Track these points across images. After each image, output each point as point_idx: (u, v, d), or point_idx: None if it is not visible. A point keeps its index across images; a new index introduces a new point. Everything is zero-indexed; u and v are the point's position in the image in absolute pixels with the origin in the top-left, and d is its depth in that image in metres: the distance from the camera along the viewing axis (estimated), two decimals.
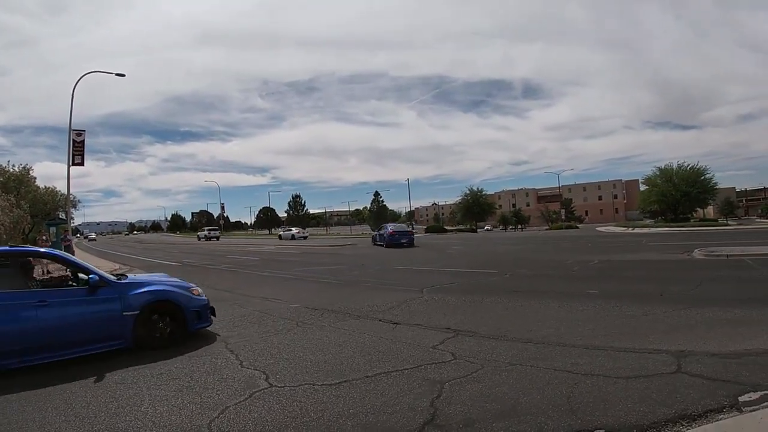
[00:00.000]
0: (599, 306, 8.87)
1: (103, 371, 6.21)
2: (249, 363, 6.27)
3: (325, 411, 4.49)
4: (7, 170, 35.30)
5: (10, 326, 6.24)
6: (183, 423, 4.43)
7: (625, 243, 27.82)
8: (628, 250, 22.66)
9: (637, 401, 4.27)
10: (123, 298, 7.15)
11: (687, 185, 58.09)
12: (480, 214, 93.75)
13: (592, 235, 42.88)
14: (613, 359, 5.58)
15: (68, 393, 5.44)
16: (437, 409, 4.38)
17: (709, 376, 4.84)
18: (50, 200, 38.36)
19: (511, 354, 6.04)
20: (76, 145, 29.87)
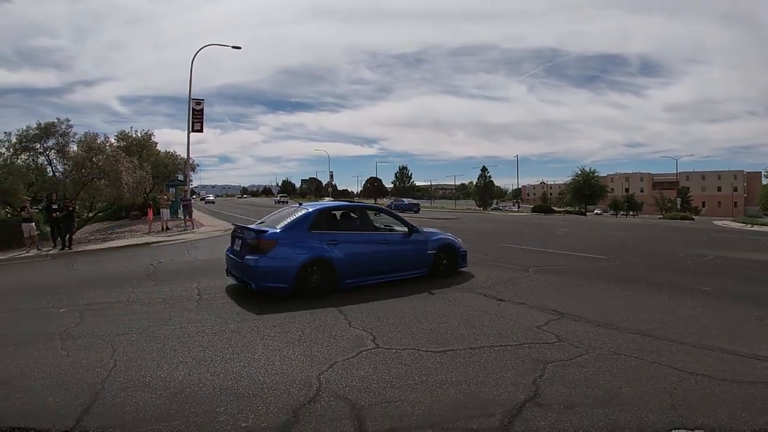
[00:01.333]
0: (711, 304, 8.51)
1: (226, 323, 6.67)
2: (357, 324, 6.54)
3: (429, 376, 4.67)
4: (130, 135, 37.42)
5: (368, 256, 9.27)
6: (293, 372, 4.73)
7: (742, 240, 26.28)
8: (747, 248, 21.43)
9: (740, 406, 4.16)
10: (427, 242, 10.39)
11: None
12: (590, 196, 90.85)
13: (709, 228, 40.72)
14: (720, 361, 5.41)
15: (188, 337, 5.89)
16: (539, 388, 4.45)
17: None
18: (170, 163, 40.19)
19: (616, 343, 5.98)
20: (196, 113, 31.50)
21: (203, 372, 4.74)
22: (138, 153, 34.39)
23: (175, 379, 4.59)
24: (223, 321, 6.80)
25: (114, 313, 7.48)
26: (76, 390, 4.40)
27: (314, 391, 4.31)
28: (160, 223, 25.40)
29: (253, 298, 8.09)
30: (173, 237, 21.44)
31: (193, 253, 15.48)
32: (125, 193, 24.50)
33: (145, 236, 21.83)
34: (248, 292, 8.35)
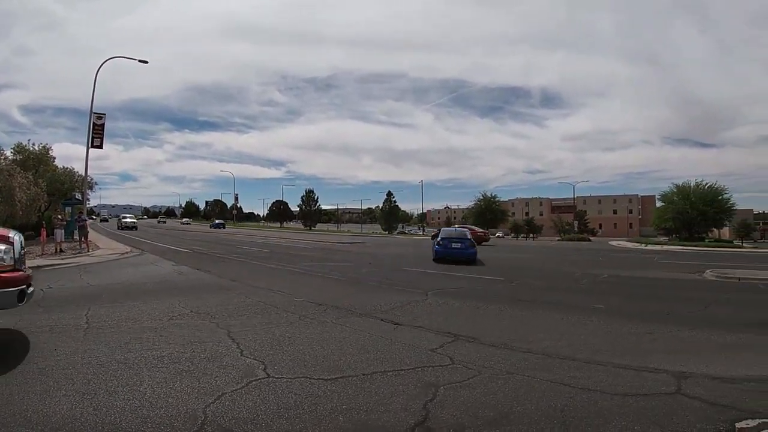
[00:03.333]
0: (603, 321, 8.86)
1: (113, 353, 6.33)
2: (249, 352, 6.32)
3: (319, 405, 4.53)
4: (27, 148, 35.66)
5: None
6: (179, 405, 4.49)
7: (636, 259, 27.66)
8: (639, 266, 22.54)
9: (633, 419, 4.26)
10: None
11: (704, 204, 57.41)
12: (492, 220, 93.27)
13: (604, 248, 42.62)
14: (612, 375, 5.58)
15: (72, 369, 5.54)
16: (429, 411, 4.39)
17: (708, 399, 4.82)
18: (68, 180, 38.63)
19: (509, 362, 6.05)
20: (96, 127, 30.37)
21: (86, 406, 4.42)
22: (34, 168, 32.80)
23: (57, 413, 4.25)
24: (110, 351, 6.42)
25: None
26: None
27: (199, 424, 4.09)
28: (53, 244, 23.81)
29: (142, 325, 7.75)
30: (66, 260, 20.14)
31: (85, 278, 14.66)
32: (18, 211, 23.17)
33: (37, 258, 20.42)
34: (139, 318, 7.98)
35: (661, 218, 64.98)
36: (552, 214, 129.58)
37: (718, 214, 58.65)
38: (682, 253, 34.82)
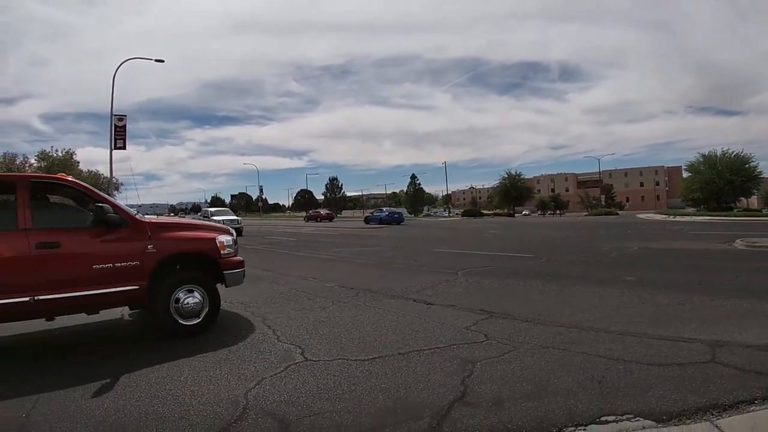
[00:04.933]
0: (635, 293, 8.79)
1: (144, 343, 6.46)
2: (285, 338, 6.40)
3: (358, 385, 4.60)
4: (50, 155, 36.09)
5: None
6: (220, 392, 4.58)
7: (665, 231, 27.36)
8: (668, 238, 22.31)
9: (669, 388, 4.25)
10: None
11: (731, 173, 56.56)
12: (518, 198, 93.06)
13: (632, 222, 42.29)
14: (646, 346, 5.55)
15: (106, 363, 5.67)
16: (468, 387, 4.44)
17: (743, 367, 4.77)
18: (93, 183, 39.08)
19: (543, 337, 6.07)
20: (118, 129, 30.75)
21: (129, 398, 4.54)
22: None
23: (100, 407, 4.36)
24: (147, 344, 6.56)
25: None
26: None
27: (241, 409, 4.16)
28: None
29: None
30: None
31: None
32: None
33: None
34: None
35: (688, 189, 64.15)
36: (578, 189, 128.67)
37: (746, 183, 57.81)
38: (710, 224, 34.40)
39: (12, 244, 5.82)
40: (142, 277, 6.42)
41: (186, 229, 7.43)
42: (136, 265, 6.40)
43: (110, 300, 6.48)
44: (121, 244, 6.42)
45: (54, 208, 7.12)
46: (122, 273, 6.30)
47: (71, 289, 5.98)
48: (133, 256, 6.42)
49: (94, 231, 6.32)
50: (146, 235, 6.59)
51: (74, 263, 6.12)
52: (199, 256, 7.16)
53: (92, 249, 6.27)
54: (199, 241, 7.24)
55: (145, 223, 6.74)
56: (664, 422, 3.67)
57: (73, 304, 6.12)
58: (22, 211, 5.93)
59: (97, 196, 6.72)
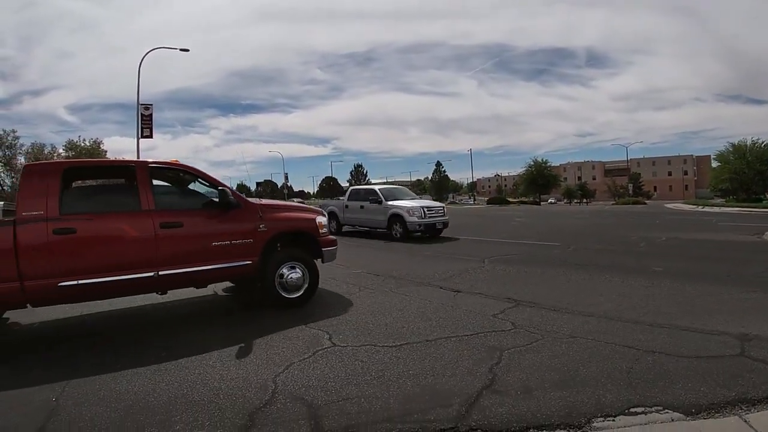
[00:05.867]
0: (664, 284, 8.68)
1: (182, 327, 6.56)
2: (313, 323, 6.46)
3: (386, 371, 4.63)
4: (78, 144, 36.44)
5: None
6: (249, 376, 4.64)
7: (693, 221, 26.97)
8: (697, 228, 21.98)
9: (698, 381, 4.22)
10: None
11: (761, 163, 55.37)
12: (544, 186, 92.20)
13: (660, 211, 41.69)
14: (675, 338, 5.50)
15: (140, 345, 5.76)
16: (496, 375, 4.45)
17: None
18: None
19: (571, 326, 6.04)
20: (145, 118, 31.03)
21: (158, 381, 4.62)
22: None
23: (130, 391, 4.45)
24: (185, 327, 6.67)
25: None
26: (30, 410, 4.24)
27: (270, 393, 4.22)
28: None
29: (208, 308, 8.01)
30: None
31: None
32: None
33: None
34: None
35: (717, 179, 62.90)
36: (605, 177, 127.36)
37: None
38: (739, 215, 33.74)
39: (137, 225, 6.42)
40: (255, 254, 7.20)
41: (289, 210, 8.30)
42: (250, 243, 7.18)
43: (227, 274, 7.28)
44: (237, 223, 7.15)
45: (171, 191, 7.63)
46: (238, 250, 7.06)
47: (192, 265, 6.70)
48: (247, 234, 7.18)
49: (212, 212, 7.03)
50: (257, 216, 7.36)
51: (195, 241, 6.83)
52: (301, 235, 7.99)
53: (211, 228, 6.97)
54: (302, 221, 8.09)
55: (256, 205, 7.58)
56: (692, 415, 3.65)
57: (194, 278, 6.92)
58: (145, 194, 6.56)
59: (211, 179, 7.43)
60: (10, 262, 5.56)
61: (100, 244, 6.22)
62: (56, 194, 6.01)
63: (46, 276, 5.73)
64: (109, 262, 6.16)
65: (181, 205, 7.13)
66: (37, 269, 5.70)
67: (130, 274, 6.23)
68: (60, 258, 5.84)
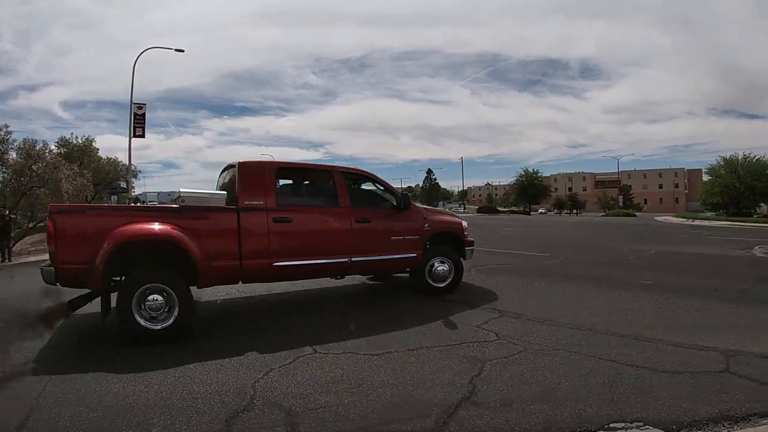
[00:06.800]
0: (651, 297, 8.69)
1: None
2: (295, 329, 6.44)
3: (366, 379, 4.61)
4: (70, 141, 36.20)
5: None
6: (228, 381, 4.61)
7: (683, 234, 27.11)
8: (686, 242, 22.08)
9: (681, 397, 4.21)
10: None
11: (752, 178, 55.72)
12: (534, 196, 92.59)
13: (650, 224, 41.93)
14: (660, 352, 5.49)
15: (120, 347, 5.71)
16: (476, 386, 4.42)
17: (758, 378, 4.70)
18: (112, 170, 38.97)
19: (555, 338, 6.03)
20: (138, 117, 30.99)
21: (138, 384, 4.57)
22: (79, 160, 33.38)
23: (110, 392, 4.40)
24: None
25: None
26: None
27: (248, 399, 4.19)
28: None
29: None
30: None
31: None
32: (65, 201, 23.81)
33: None
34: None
35: (708, 193, 63.25)
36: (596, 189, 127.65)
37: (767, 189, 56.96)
38: (729, 229, 33.97)
39: (338, 219, 7.72)
40: (419, 248, 8.48)
41: (442, 215, 9.92)
42: (417, 239, 8.46)
43: (399, 264, 8.53)
44: (409, 222, 8.45)
45: (360, 192, 8.82)
46: (408, 244, 8.34)
47: (376, 254, 8.00)
48: (416, 232, 8.48)
49: (390, 211, 8.38)
50: (423, 217, 8.71)
51: (379, 235, 8.09)
52: (450, 235, 9.20)
53: (390, 225, 8.26)
54: (453, 224, 9.44)
55: (421, 208, 9.06)
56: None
57: (376, 265, 8.40)
58: (342, 194, 7.84)
59: (386, 185, 8.76)
60: (233, 244, 6.66)
61: (309, 232, 7.44)
62: (273, 189, 7.21)
63: (263, 256, 6.87)
64: (315, 248, 7.42)
65: (367, 204, 8.38)
66: (256, 250, 6.83)
67: (331, 259, 7.52)
68: (276, 242, 6.99)
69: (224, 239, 6.64)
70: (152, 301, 5.96)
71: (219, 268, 6.50)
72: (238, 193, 6.90)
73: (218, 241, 6.60)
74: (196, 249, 6.25)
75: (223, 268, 6.55)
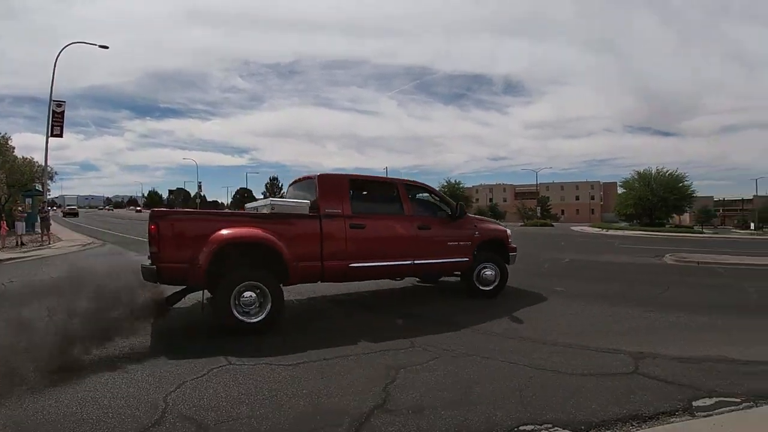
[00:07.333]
0: (564, 303, 9.06)
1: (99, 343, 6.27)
2: (211, 341, 6.31)
3: (280, 390, 4.57)
4: None
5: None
6: (140, 395, 4.49)
7: (598, 244, 28.05)
8: (600, 250, 22.86)
9: (590, 399, 4.37)
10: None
11: (665, 191, 58.33)
12: None
13: (566, 233, 43.22)
14: (571, 356, 5.69)
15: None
16: (389, 394, 4.47)
17: (666, 378, 4.94)
18: (27, 171, 37.26)
19: (469, 344, 6.15)
20: (56, 115, 29.66)
21: (47, 399, 4.40)
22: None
23: (20, 407, 4.22)
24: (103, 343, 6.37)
25: None
26: None
27: (160, 413, 4.08)
28: (14, 237, 22.95)
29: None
30: (29, 253, 19.64)
31: (47, 271, 14.44)
32: None
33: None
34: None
35: (622, 204, 65.74)
36: (515, 200, 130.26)
37: (679, 201, 59.67)
38: (642, 238, 35.41)
39: (404, 226, 8.55)
40: (470, 253, 9.26)
41: (489, 223, 10.75)
42: (468, 245, 9.25)
43: (453, 267, 9.39)
44: (461, 230, 9.27)
45: (419, 202, 9.54)
46: (461, 249, 9.13)
47: (434, 258, 8.84)
48: (468, 238, 9.29)
49: (445, 219, 9.21)
50: (474, 225, 9.64)
51: (437, 240, 8.87)
52: (498, 242, 10.00)
53: (446, 232, 9.05)
54: (500, 231, 10.28)
55: (471, 217, 10.02)
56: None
57: (434, 268, 9.37)
58: (406, 204, 8.73)
59: (442, 196, 9.92)
60: (316, 247, 7.47)
61: (380, 237, 8.22)
62: (348, 198, 8.09)
63: (341, 258, 7.65)
64: (384, 252, 8.21)
65: (426, 213, 9.25)
66: (335, 253, 7.60)
67: (397, 261, 8.35)
68: (352, 246, 7.76)
69: (309, 243, 7.43)
70: (247, 297, 6.68)
71: (304, 268, 7.29)
72: (319, 202, 7.77)
73: (304, 244, 7.37)
74: (287, 251, 7.02)
75: (307, 268, 7.36)
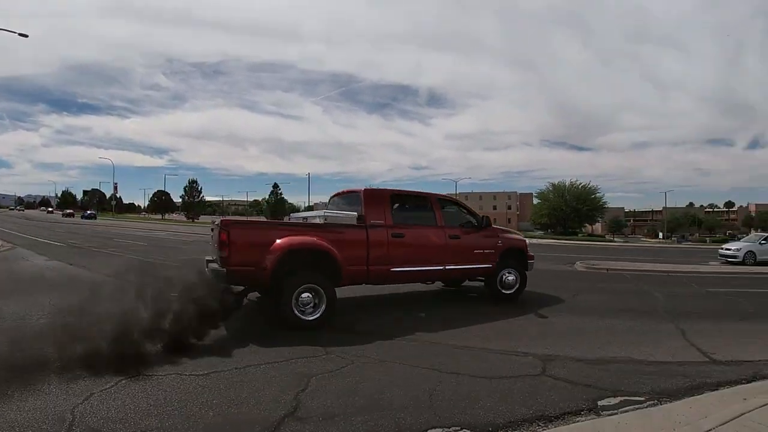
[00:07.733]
0: (474, 308, 9.56)
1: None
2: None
3: (189, 401, 4.53)
4: None
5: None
6: (47, 407, 4.36)
7: None
8: None
9: (498, 401, 4.57)
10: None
11: (578, 202, 60.76)
12: None
13: None
14: (480, 360, 5.91)
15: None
16: (300, 402, 4.52)
17: (572, 379, 5.21)
18: None
19: (382, 350, 6.30)
20: None
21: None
22: None
23: None
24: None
25: None
26: None
27: (67, 425, 3.99)
28: None
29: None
30: None
31: None
32: None
33: None
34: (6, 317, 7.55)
35: (537, 214, 68.08)
36: None
37: (591, 211, 62.40)
38: (555, 246, 36.64)
39: (437, 235, 9.48)
40: (494, 260, 10.21)
41: (510, 233, 11.69)
42: (492, 253, 10.20)
43: (479, 272, 10.25)
44: (487, 239, 10.25)
45: (450, 213, 10.28)
46: (486, 257, 10.08)
47: (463, 264, 9.77)
48: (492, 246, 10.26)
49: (472, 230, 10.15)
50: (497, 235, 10.59)
51: (466, 248, 9.80)
52: (518, 250, 10.88)
53: (474, 240, 10.00)
54: (520, 241, 11.32)
55: (495, 228, 10.79)
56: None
57: (463, 273, 10.23)
58: (438, 215, 9.68)
59: (469, 209, 10.95)
60: (363, 253, 8.34)
61: (417, 245, 9.16)
62: (390, 210, 8.94)
63: (384, 264, 8.55)
64: (420, 258, 9.21)
65: (455, 223, 10.02)
66: (379, 258, 8.50)
67: (432, 266, 9.33)
68: (393, 252, 8.68)
69: (357, 249, 8.29)
70: (305, 297, 7.47)
71: (353, 271, 8.16)
72: (365, 213, 8.66)
73: (353, 251, 8.20)
74: (340, 256, 7.87)
75: (356, 271, 8.23)
